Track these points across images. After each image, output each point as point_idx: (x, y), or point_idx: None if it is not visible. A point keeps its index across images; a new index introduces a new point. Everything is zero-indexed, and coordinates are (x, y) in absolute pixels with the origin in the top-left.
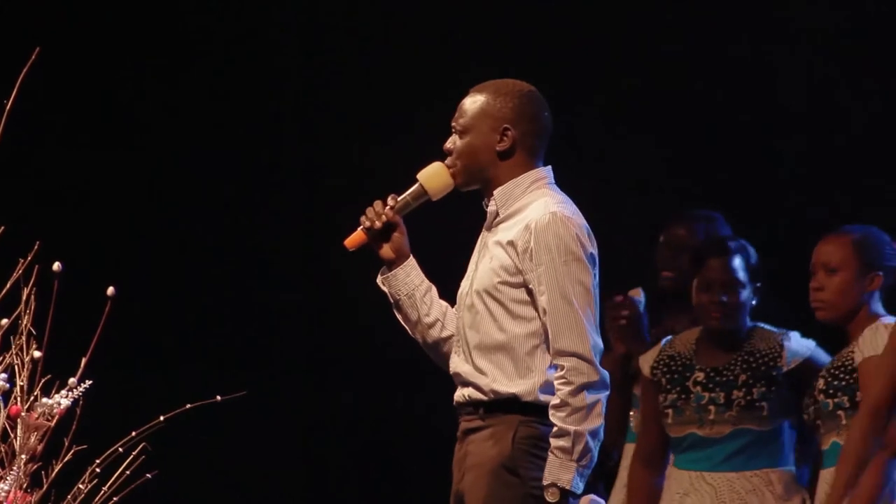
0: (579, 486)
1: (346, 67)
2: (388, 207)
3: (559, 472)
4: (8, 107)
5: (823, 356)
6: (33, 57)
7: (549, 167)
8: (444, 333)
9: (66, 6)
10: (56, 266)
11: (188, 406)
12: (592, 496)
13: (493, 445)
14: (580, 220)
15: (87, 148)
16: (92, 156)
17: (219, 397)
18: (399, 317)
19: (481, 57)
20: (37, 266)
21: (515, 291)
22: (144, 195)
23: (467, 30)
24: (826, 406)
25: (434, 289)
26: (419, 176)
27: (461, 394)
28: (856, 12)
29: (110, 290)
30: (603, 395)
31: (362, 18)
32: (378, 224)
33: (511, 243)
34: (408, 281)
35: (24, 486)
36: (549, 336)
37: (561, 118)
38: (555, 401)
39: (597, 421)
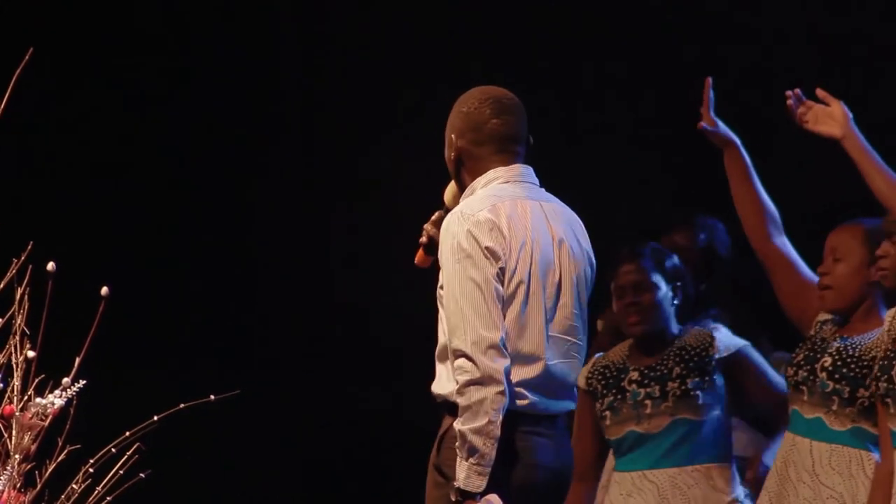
0: (475, 484)
1: (345, 70)
2: (427, 225)
3: (458, 471)
4: (2, 106)
5: (755, 353)
6: (27, 57)
7: (502, 168)
8: None
9: (63, 5)
10: (50, 266)
11: (182, 406)
12: (490, 496)
13: (435, 447)
14: (485, 214)
15: (81, 147)
16: (86, 155)
17: (212, 397)
18: None
19: (475, 59)
20: (30, 266)
21: (441, 293)
22: (138, 194)
23: (458, 33)
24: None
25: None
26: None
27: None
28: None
29: (104, 290)
30: (489, 391)
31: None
32: (424, 239)
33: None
34: None
35: (18, 485)
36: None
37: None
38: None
39: (482, 418)
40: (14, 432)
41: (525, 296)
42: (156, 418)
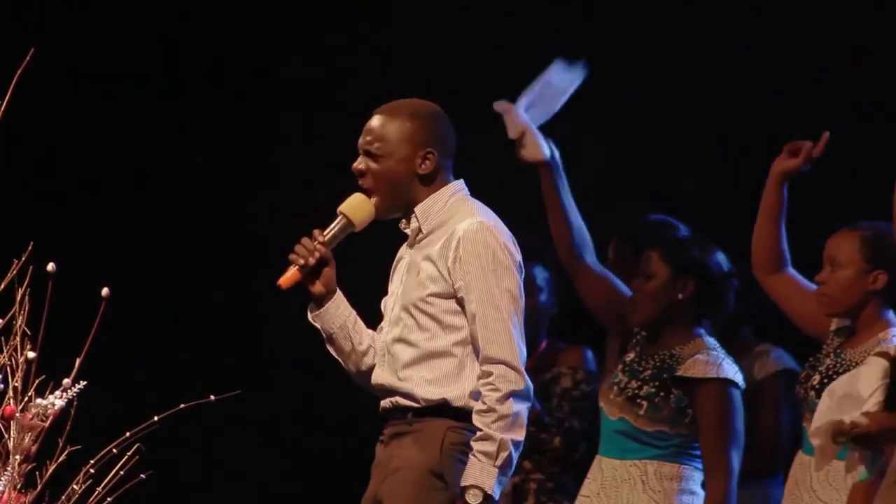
0: (497, 493)
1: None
2: (317, 243)
3: (481, 475)
4: (3, 107)
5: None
6: (28, 57)
7: (462, 180)
8: (376, 359)
9: (62, 5)
10: (50, 267)
11: (182, 406)
12: None
13: (420, 450)
14: (504, 229)
15: (82, 147)
16: (87, 155)
17: (212, 397)
18: (332, 350)
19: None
20: (31, 267)
21: (445, 302)
22: (138, 196)
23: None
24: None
25: (358, 317)
26: (344, 209)
27: (388, 402)
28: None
29: (105, 291)
30: (526, 406)
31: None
32: (312, 261)
33: (439, 254)
34: (339, 314)
35: (19, 486)
36: (479, 343)
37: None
38: (480, 406)
39: (521, 432)
40: (14, 433)
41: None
42: (156, 419)
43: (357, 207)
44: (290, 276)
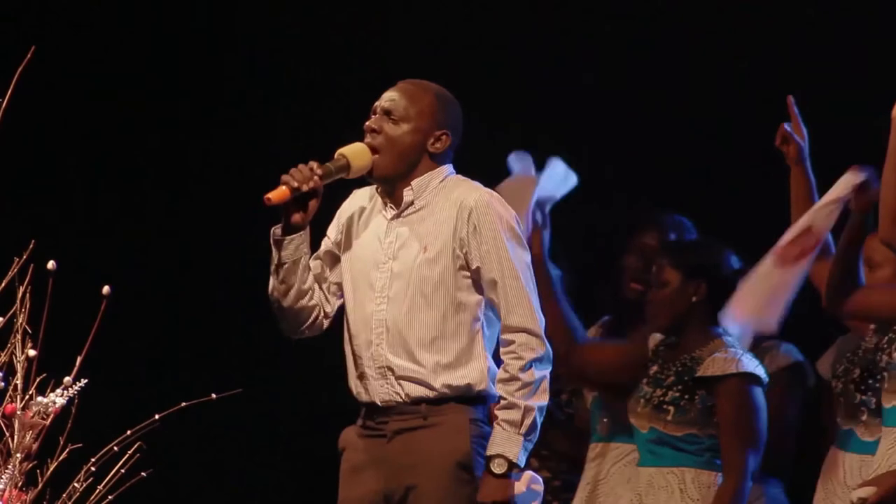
0: (523, 461)
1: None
2: (315, 175)
3: (506, 444)
4: (3, 105)
5: None
6: (28, 55)
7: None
8: (312, 301)
9: (65, 4)
10: (51, 264)
11: (183, 404)
12: (533, 474)
13: (447, 442)
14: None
15: (83, 145)
16: (88, 154)
17: (214, 395)
18: (274, 278)
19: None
20: (32, 264)
21: (458, 278)
22: (140, 193)
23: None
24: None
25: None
26: (345, 152)
27: (395, 391)
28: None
29: (105, 289)
30: (549, 371)
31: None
32: (306, 187)
33: (447, 228)
34: (300, 248)
35: (20, 484)
36: (500, 312)
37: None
38: (503, 374)
39: (544, 397)
40: (16, 431)
41: None
42: (157, 417)
43: (358, 154)
44: (280, 193)
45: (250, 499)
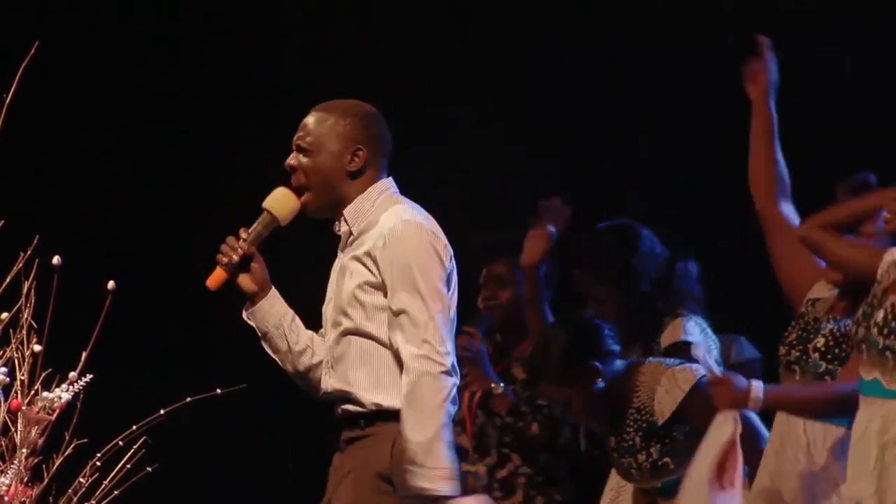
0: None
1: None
2: (241, 240)
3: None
4: (7, 100)
5: None
6: (33, 50)
7: (391, 178)
8: (315, 360)
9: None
10: (56, 260)
11: (188, 400)
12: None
13: (371, 453)
14: (431, 224)
15: (88, 141)
16: (92, 149)
17: (219, 391)
18: (268, 348)
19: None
20: (37, 260)
21: (378, 299)
22: (144, 189)
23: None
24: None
25: (297, 317)
26: (266, 204)
27: (339, 410)
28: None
29: (111, 284)
30: (452, 382)
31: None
32: (235, 258)
33: (367, 255)
34: (273, 312)
35: (25, 479)
36: (403, 335)
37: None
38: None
39: (447, 409)
40: (21, 426)
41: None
42: (162, 412)
43: (280, 201)
44: (215, 276)
45: (255, 494)
